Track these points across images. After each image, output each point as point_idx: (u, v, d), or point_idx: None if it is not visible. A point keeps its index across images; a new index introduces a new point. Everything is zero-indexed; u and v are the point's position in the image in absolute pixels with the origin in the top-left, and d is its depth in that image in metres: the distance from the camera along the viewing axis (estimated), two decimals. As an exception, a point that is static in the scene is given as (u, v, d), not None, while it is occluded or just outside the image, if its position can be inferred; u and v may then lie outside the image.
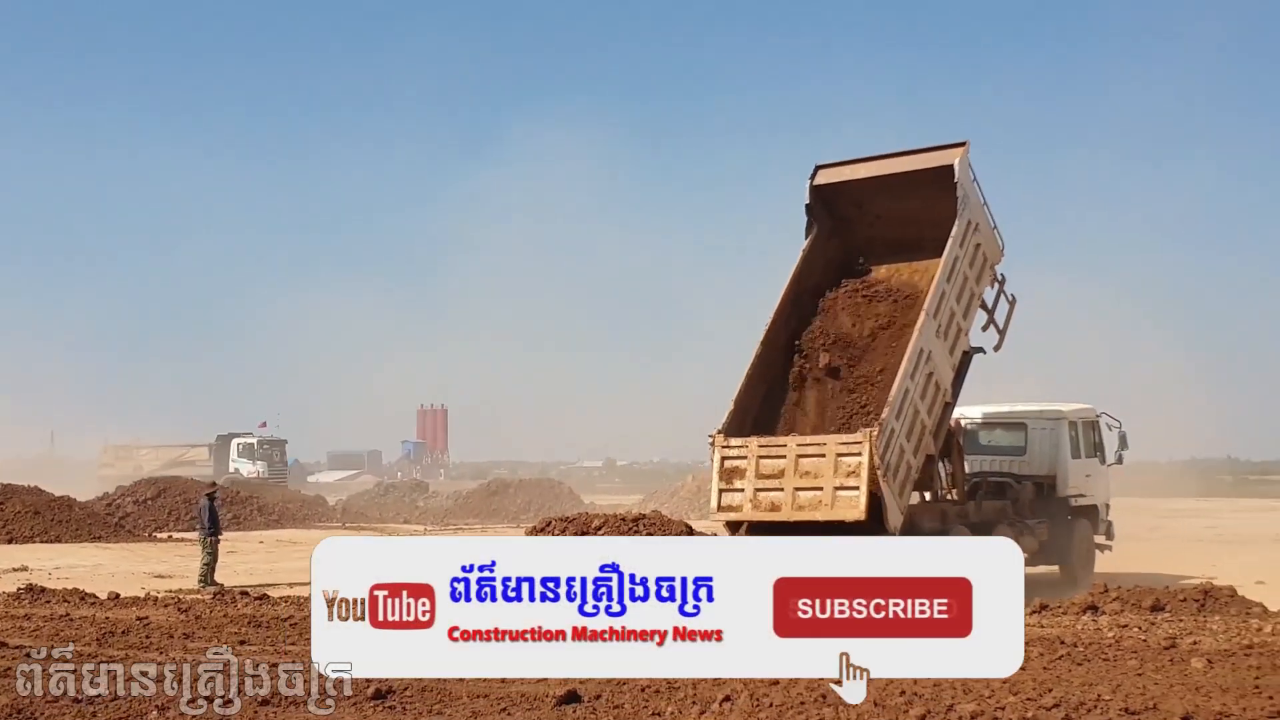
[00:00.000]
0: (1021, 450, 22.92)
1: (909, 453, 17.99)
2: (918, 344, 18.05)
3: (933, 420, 18.74)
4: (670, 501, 49.49)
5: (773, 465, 17.74)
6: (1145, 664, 11.39)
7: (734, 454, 18.06)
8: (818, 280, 20.52)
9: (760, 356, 19.37)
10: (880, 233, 20.73)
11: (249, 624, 14.92)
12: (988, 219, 20.14)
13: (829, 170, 20.67)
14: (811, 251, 20.46)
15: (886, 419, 17.19)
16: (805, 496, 17.37)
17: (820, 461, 17.37)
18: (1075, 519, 22.67)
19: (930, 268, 19.54)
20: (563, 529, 16.99)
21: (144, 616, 15.50)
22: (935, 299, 18.52)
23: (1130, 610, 14.81)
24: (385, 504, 53.36)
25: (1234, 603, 15.12)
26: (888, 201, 20.41)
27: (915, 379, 18.07)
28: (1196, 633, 13.13)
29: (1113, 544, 23.54)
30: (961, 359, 19.70)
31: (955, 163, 19.29)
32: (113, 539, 35.44)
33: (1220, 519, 39.49)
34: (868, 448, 16.84)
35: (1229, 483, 68.00)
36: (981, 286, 20.19)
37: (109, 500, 43.26)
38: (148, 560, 28.55)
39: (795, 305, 20.09)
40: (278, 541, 35.56)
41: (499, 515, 49.03)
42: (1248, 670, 10.94)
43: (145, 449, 68.24)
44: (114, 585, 20.14)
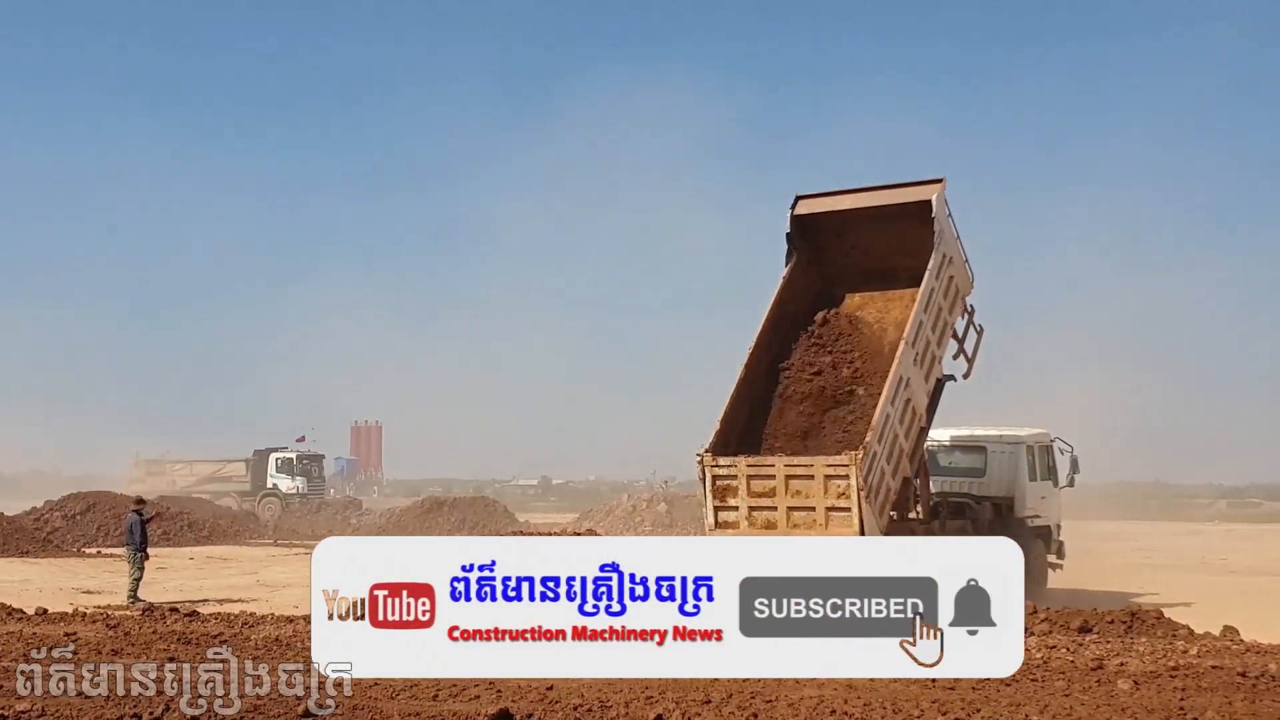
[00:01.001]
0: (981, 472, 23.82)
1: (888, 475, 18.73)
2: (897, 371, 18.76)
3: (909, 444, 19.52)
4: (606, 520, 49.55)
5: (763, 484, 18.43)
6: (1072, 685, 11.50)
7: (724, 472, 18.69)
8: (796, 306, 21.09)
9: (744, 379, 19.94)
10: (855, 262, 21.42)
11: (178, 641, 14.81)
12: (960, 252, 20.92)
13: (809, 201, 21.28)
14: (791, 278, 21.06)
15: (870, 442, 17.85)
16: (799, 516, 18.12)
17: (809, 483, 18.09)
18: (1031, 539, 23.10)
19: (903, 297, 20.58)
20: (496, 547, 16.91)
21: (72, 632, 15.38)
22: (914, 329, 19.27)
23: (1058, 631, 14.95)
24: (318, 521, 52.99)
25: (1160, 624, 15.29)
26: (865, 232, 21.14)
27: (895, 404, 18.77)
28: (1123, 654, 13.28)
29: (1063, 563, 24.57)
30: (935, 386, 20.50)
31: (933, 198, 20.02)
32: (41, 554, 34.99)
33: (1146, 542, 39.99)
34: (854, 470, 17.55)
35: (1155, 506, 68.60)
36: (954, 317, 21.03)
37: (37, 515, 42.72)
38: (76, 576, 28.24)
39: (776, 330, 20.68)
40: (208, 558, 35.25)
41: (433, 533, 48.60)
42: (1173, 691, 11.08)
43: (179, 464, 66.15)
44: (42, 601, 19.95)
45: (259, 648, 14.33)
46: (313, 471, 63.77)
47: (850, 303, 21.48)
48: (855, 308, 21.38)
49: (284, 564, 33.13)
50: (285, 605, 20.33)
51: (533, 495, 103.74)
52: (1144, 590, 24.70)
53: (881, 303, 21.25)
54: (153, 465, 65.82)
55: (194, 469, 65.02)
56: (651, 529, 49.04)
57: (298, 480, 61.82)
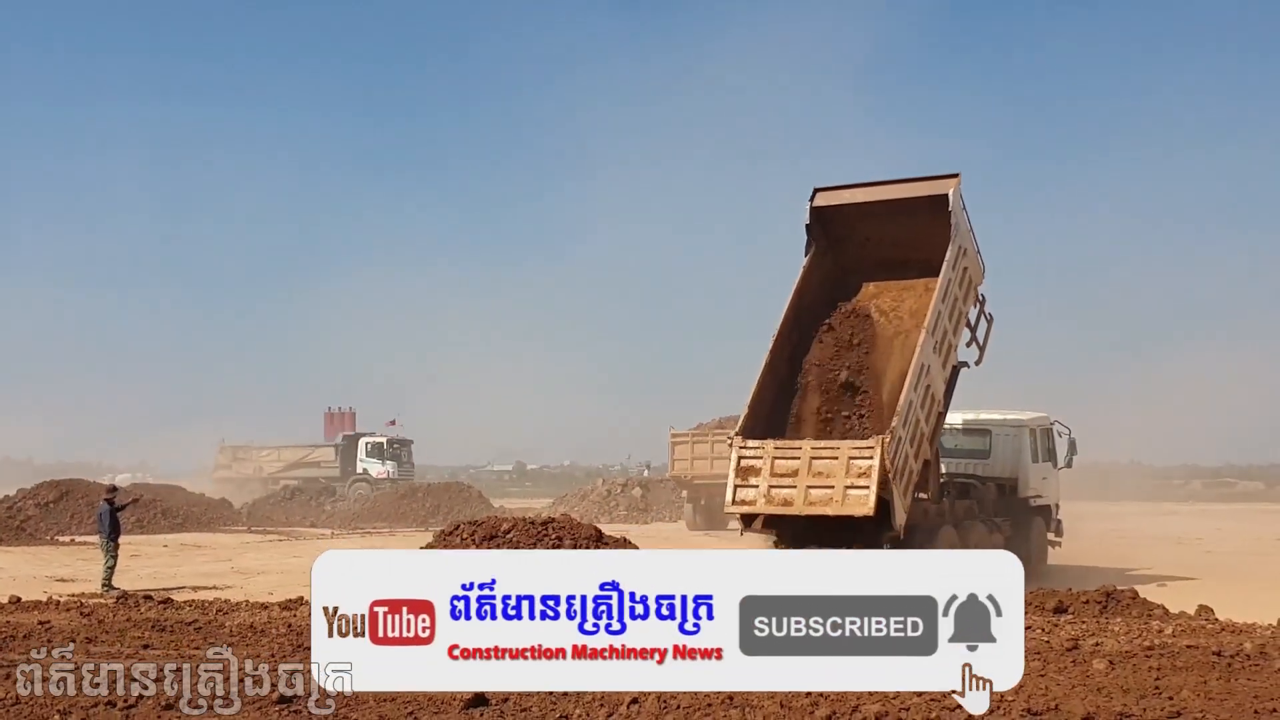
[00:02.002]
0: (985, 454, 24.87)
1: (911, 458, 19.46)
2: (919, 359, 19.52)
3: (929, 428, 20.36)
4: (580, 505, 49.52)
5: (787, 465, 19.12)
6: (1048, 665, 11.51)
7: (750, 454, 19.40)
8: (814, 295, 21.76)
9: (768, 365, 20.59)
10: (871, 252, 22.05)
11: (152, 628, 14.75)
12: (974, 244, 21.77)
13: (827, 193, 21.97)
14: (810, 268, 21.72)
15: (896, 427, 18.63)
16: (817, 494, 18.76)
17: (833, 464, 18.80)
18: (1033, 517, 24.80)
19: (916, 287, 21.51)
20: (471, 532, 16.93)
21: (46, 620, 15.31)
22: (933, 318, 20.01)
23: (1034, 612, 14.97)
24: (292, 508, 52.77)
25: (1135, 605, 15.34)
26: (880, 224, 21.75)
27: (917, 391, 19.55)
28: (1099, 634, 13.31)
29: (1061, 540, 25.73)
30: (951, 372, 21.39)
31: (950, 192, 20.78)
32: (14, 542, 34.84)
33: (1122, 522, 40.15)
34: (879, 452, 18.30)
35: (1130, 486, 68.84)
36: (968, 306, 21.94)
37: (10, 503, 42.51)
38: (50, 564, 28.12)
39: (796, 318, 21.33)
40: (182, 545, 35.14)
41: (408, 519, 48.65)
42: (1149, 671, 11.10)
43: (266, 449, 65.26)
44: (15, 589, 19.83)
45: (233, 634, 14.28)
46: (402, 456, 62.86)
47: (866, 292, 22.19)
48: (870, 296, 22.11)
49: (258, 551, 33.08)
50: (259, 592, 20.28)
51: (507, 480, 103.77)
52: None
53: (896, 292, 21.96)
54: (239, 451, 65.10)
55: (281, 455, 64.22)
56: (626, 513, 49.07)
57: (388, 464, 61.00)
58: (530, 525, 16.95)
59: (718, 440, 40.51)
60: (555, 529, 16.83)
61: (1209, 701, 9.68)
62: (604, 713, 9.41)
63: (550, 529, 16.80)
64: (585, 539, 16.70)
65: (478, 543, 16.57)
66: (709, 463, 41.11)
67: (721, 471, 39.13)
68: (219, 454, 65.68)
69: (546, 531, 16.71)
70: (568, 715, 9.47)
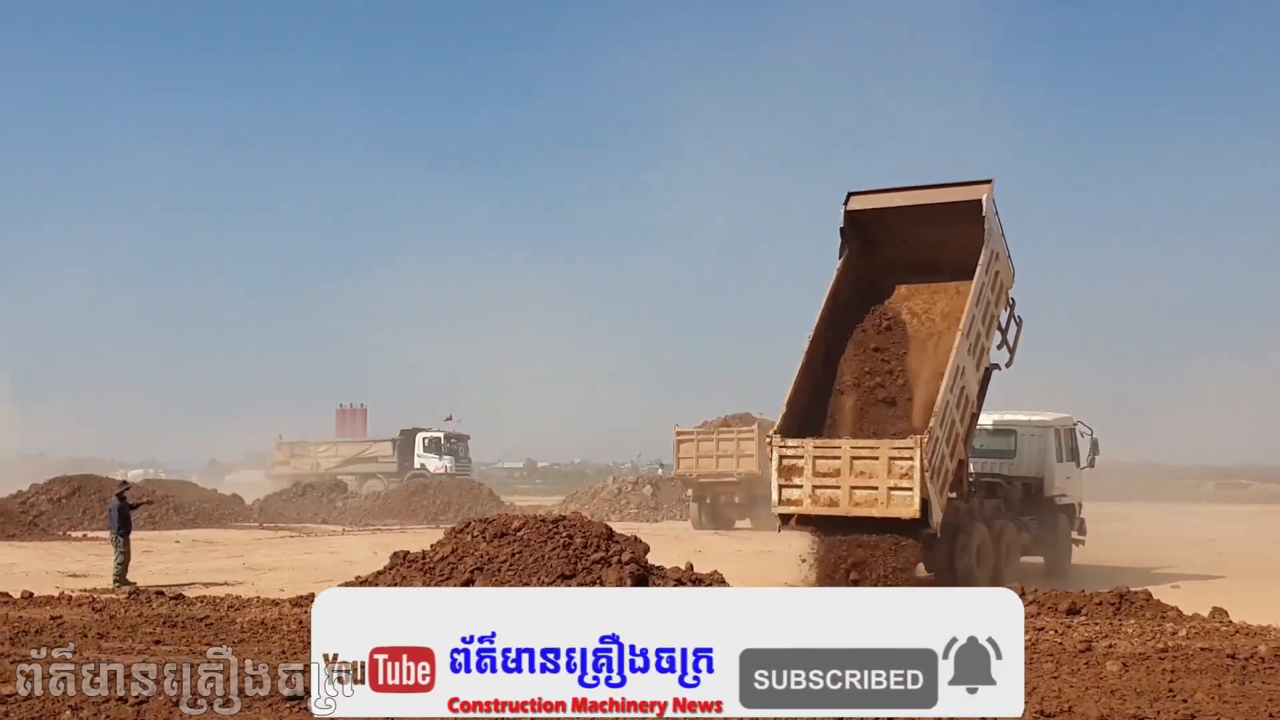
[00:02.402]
0: (1011, 454, 25.44)
1: (947, 458, 20.03)
2: (955, 361, 20.00)
3: (964, 429, 20.93)
4: (591, 503, 49.46)
5: (828, 465, 19.76)
6: (1061, 667, 11.49)
7: (791, 453, 20.09)
8: (848, 296, 22.29)
9: (805, 365, 21.13)
10: (903, 255, 22.54)
11: (164, 624, 14.76)
12: (1005, 248, 22.26)
13: (862, 197, 22.42)
14: (844, 270, 22.20)
15: (933, 427, 19.15)
16: (861, 494, 19.43)
17: (874, 463, 19.39)
18: (1058, 516, 25.42)
19: (947, 290, 22.16)
20: (482, 530, 16.89)
21: (58, 616, 15.31)
22: (967, 321, 20.48)
23: (1047, 613, 14.93)
24: (303, 504, 52.65)
25: (1149, 606, 15.27)
26: (914, 228, 22.22)
27: (953, 392, 20.03)
28: (1112, 636, 13.27)
29: (1084, 539, 26.32)
30: (984, 374, 21.91)
31: (984, 198, 21.22)
32: (26, 537, 34.98)
33: (1138, 523, 40.02)
34: (918, 453, 18.87)
35: (1145, 487, 68.70)
36: (999, 309, 22.43)
37: (23, 498, 42.58)
38: (62, 559, 28.17)
39: (831, 319, 21.91)
40: (194, 541, 35.17)
41: (418, 515, 48.61)
42: (1162, 673, 11.07)
43: (323, 445, 65.68)
44: (28, 584, 19.86)
45: (245, 631, 14.28)
46: (459, 451, 62.93)
47: (898, 294, 22.69)
48: (903, 298, 22.63)
49: (270, 547, 33.09)
50: (271, 588, 20.28)
51: (518, 477, 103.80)
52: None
53: (928, 294, 22.48)
54: (296, 447, 65.09)
55: (338, 450, 64.39)
56: (637, 511, 48.96)
57: (445, 459, 61.11)
58: (541, 523, 16.89)
59: (723, 438, 40.82)
60: (566, 527, 16.77)
61: (1223, 704, 9.65)
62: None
63: (561, 527, 16.75)
64: (596, 537, 16.64)
65: (488, 540, 16.52)
66: (714, 461, 40.89)
67: (727, 470, 39.37)
68: (276, 450, 65.58)
69: (557, 529, 16.65)
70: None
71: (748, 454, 39.91)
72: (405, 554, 17.04)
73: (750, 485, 39.56)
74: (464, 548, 16.57)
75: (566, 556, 16.13)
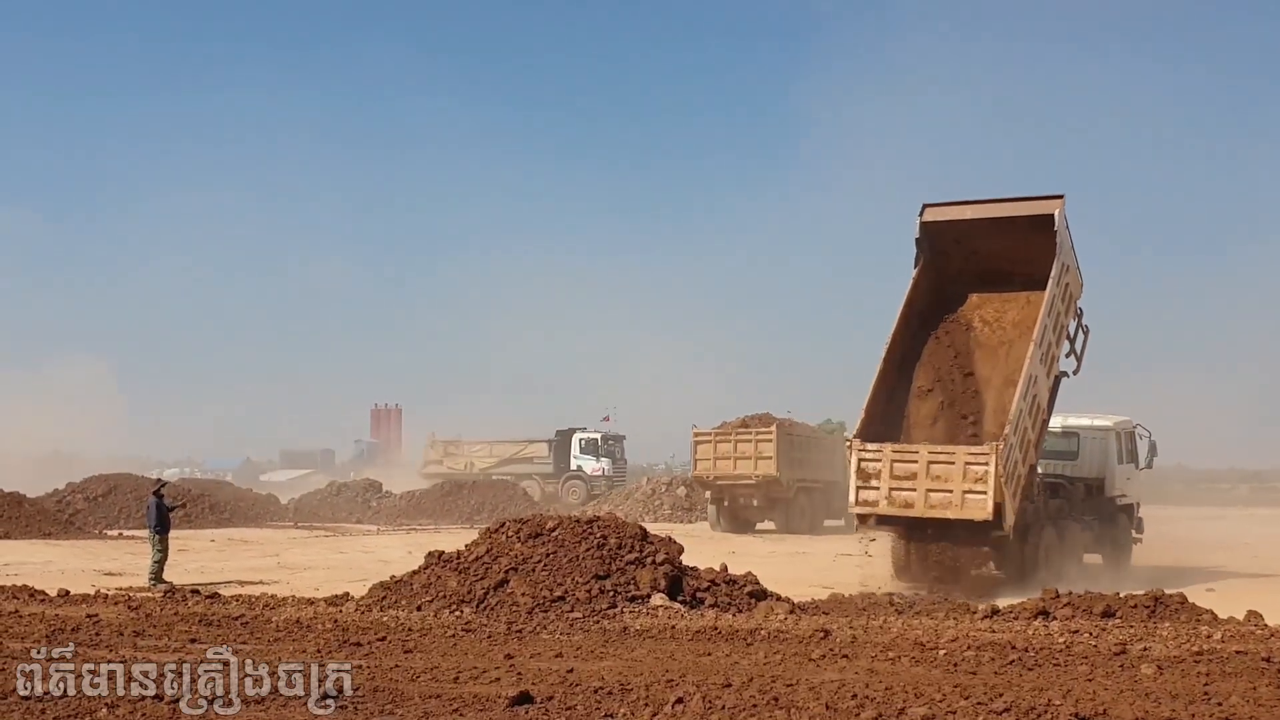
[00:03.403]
0: (1074, 456, 26.10)
1: (1020, 463, 20.89)
2: (1028, 370, 20.89)
3: (1035, 435, 21.78)
4: (625, 504, 49.44)
5: (905, 469, 20.64)
6: (1096, 669, 11.46)
7: (870, 457, 20.96)
8: (923, 304, 23.29)
9: (882, 372, 22.07)
10: (975, 266, 23.48)
11: (199, 622, 14.84)
12: (1075, 260, 23.16)
13: (936, 209, 23.37)
14: (919, 279, 23.14)
15: (1007, 434, 20.09)
16: (937, 497, 20.35)
17: (950, 468, 20.29)
18: (1117, 515, 26.18)
19: (1018, 299, 23.14)
20: (517, 530, 16.96)
21: (94, 614, 15.40)
22: (1040, 331, 21.41)
23: (1081, 616, 14.87)
24: (338, 504, 52.77)
25: (1184, 610, 15.20)
26: (985, 239, 23.18)
27: (1026, 400, 20.89)
28: (1147, 639, 13.21)
29: (1142, 537, 27.13)
30: (1054, 382, 22.77)
31: (1056, 212, 22.17)
32: (63, 536, 35.17)
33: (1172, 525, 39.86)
34: (994, 459, 19.74)
35: (1179, 490, 68.37)
36: (1069, 319, 23.40)
37: (59, 497, 42.83)
38: (98, 558, 28.33)
39: (907, 326, 22.86)
40: (229, 540, 35.34)
41: (452, 515, 48.71)
42: (1197, 677, 11.02)
43: (478, 444, 64.15)
44: (64, 582, 19.97)
45: (280, 630, 14.34)
46: (616, 452, 62.23)
47: (970, 302, 23.74)
48: (974, 307, 23.69)
49: (305, 546, 33.21)
50: (306, 588, 20.35)
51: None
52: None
53: (999, 303, 23.50)
54: (450, 446, 64.38)
55: (494, 450, 63.09)
56: (670, 512, 48.88)
57: (602, 461, 60.51)
58: (575, 523, 16.95)
59: (741, 439, 40.04)
60: (600, 527, 16.82)
61: (1259, 708, 9.60)
62: (649, 712, 9.40)
63: (595, 527, 16.80)
64: (630, 538, 16.69)
65: (523, 540, 16.60)
66: (732, 463, 40.04)
67: (745, 472, 39.03)
68: (428, 448, 64.87)
69: (591, 530, 16.71)
70: (613, 714, 9.47)
71: (766, 455, 39.30)
72: (440, 554, 17.13)
73: (768, 488, 39.26)
74: (499, 548, 16.65)
75: (601, 557, 16.19)
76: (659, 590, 15.76)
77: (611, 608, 15.32)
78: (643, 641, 13.51)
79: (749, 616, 15.29)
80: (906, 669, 11.52)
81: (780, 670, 11.34)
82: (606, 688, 10.31)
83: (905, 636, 13.51)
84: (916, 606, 17.13)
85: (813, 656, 12.30)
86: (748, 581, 16.95)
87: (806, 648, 12.91)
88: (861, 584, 20.94)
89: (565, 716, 9.47)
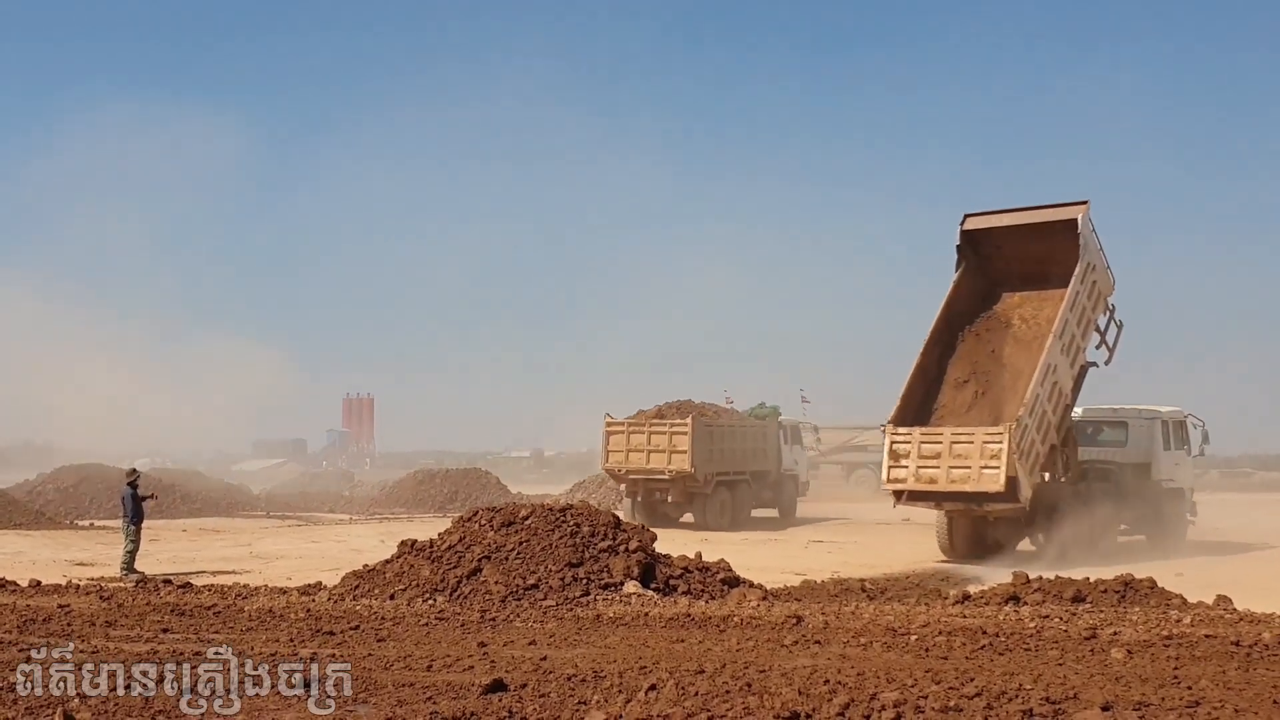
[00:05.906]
0: (1123, 443, 27.90)
1: (1038, 442, 23.62)
2: (1046, 360, 23.59)
3: (1056, 418, 24.42)
4: (598, 492, 49.30)
5: (931, 449, 23.59)
6: (1066, 654, 11.52)
7: (900, 440, 23.94)
8: (963, 305, 26.17)
9: (920, 364, 25.08)
10: (1014, 268, 26.27)
11: (171, 612, 14.81)
12: (1103, 260, 25.72)
13: (976, 218, 26.36)
14: (960, 282, 26.11)
15: (1022, 416, 22.78)
16: (957, 474, 23.16)
17: (969, 447, 23.11)
18: (1162, 499, 27.68)
19: (1053, 297, 25.30)
20: (490, 518, 16.98)
21: (66, 604, 15.37)
22: (1060, 325, 24.04)
23: (1052, 601, 14.95)
24: (311, 493, 52.84)
25: (1154, 594, 15.29)
26: (1022, 244, 25.89)
27: (1044, 386, 23.62)
28: (1117, 623, 13.29)
29: (1195, 519, 28.92)
30: (1080, 371, 25.36)
31: (1079, 217, 24.80)
32: (34, 526, 35.00)
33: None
34: (1008, 437, 22.45)
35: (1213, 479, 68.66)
36: (1097, 314, 25.84)
37: (30, 487, 42.71)
38: (69, 548, 28.23)
39: (947, 324, 25.88)
40: (201, 530, 35.26)
41: (426, 504, 48.66)
42: (1167, 661, 11.09)
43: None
44: (35, 573, 19.92)
45: (252, 619, 14.33)
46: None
47: (1009, 301, 26.47)
48: (1013, 306, 26.35)
49: (277, 536, 33.15)
50: (278, 577, 20.33)
51: (525, 467, 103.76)
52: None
53: (1036, 302, 26.00)
54: None
55: (821, 436, 55.26)
56: (644, 500, 48.74)
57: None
58: (548, 512, 16.96)
59: (655, 431, 35.78)
60: (573, 516, 16.84)
61: (1228, 691, 9.66)
62: (622, 699, 9.42)
63: (568, 516, 16.82)
64: (603, 526, 16.73)
65: (496, 529, 16.61)
66: (645, 456, 35.70)
67: (658, 466, 34.91)
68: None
69: (564, 518, 16.74)
70: (586, 701, 9.48)
71: (680, 449, 34.97)
72: (413, 542, 17.13)
73: (684, 484, 35.31)
74: (471, 536, 16.65)
75: (574, 545, 16.22)
76: (632, 578, 15.81)
77: (585, 595, 15.36)
78: (616, 629, 13.54)
79: (722, 603, 15.34)
80: (878, 654, 11.56)
81: (753, 656, 11.37)
82: (580, 675, 10.32)
83: (877, 622, 13.56)
84: (889, 592, 17.25)
85: (785, 643, 12.34)
86: (720, 569, 17.00)
87: (779, 634, 12.95)
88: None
89: (539, 704, 9.47)
